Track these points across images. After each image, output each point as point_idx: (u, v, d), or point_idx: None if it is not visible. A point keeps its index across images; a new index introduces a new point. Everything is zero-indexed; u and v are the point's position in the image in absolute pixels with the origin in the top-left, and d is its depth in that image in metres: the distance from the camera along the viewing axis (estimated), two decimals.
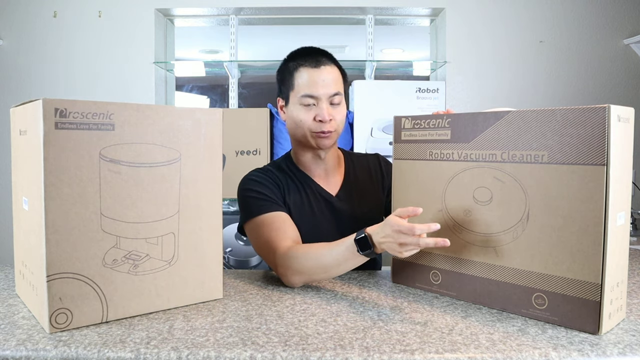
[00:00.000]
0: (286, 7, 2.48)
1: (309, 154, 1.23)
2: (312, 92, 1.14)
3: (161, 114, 0.87)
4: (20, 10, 2.46)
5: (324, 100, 1.14)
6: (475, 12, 2.43)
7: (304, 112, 1.15)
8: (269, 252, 1.07)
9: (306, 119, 1.15)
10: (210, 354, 0.71)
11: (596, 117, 0.76)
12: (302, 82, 1.15)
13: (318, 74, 1.14)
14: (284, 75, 1.21)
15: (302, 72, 1.15)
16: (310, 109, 1.15)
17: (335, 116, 1.16)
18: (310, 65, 1.15)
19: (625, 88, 2.43)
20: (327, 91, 1.14)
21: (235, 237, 2.28)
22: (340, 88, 1.18)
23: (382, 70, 2.74)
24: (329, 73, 1.16)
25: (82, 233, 0.80)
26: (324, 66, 1.16)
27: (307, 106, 1.15)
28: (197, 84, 3.82)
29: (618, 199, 0.79)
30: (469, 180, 0.93)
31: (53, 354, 0.72)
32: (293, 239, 1.08)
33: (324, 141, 1.17)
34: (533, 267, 0.85)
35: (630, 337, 0.77)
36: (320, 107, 1.14)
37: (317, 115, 1.14)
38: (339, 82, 1.18)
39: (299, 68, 1.16)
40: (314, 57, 1.17)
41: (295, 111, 1.17)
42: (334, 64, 1.19)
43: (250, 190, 1.16)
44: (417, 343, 0.74)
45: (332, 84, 1.15)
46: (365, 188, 1.28)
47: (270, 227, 1.09)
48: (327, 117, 1.14)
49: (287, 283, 1.03)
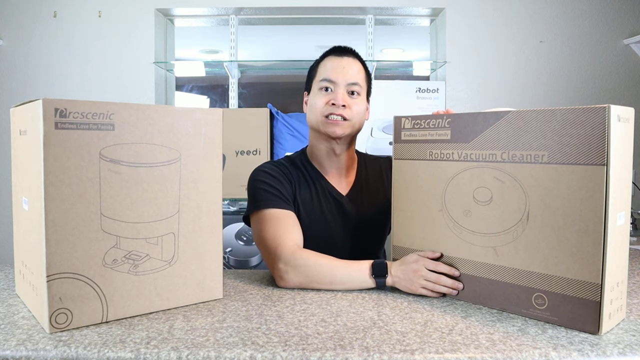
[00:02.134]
0: (286, 7, 2.48)
1: (324, 147, 1.22)
2: (331, 76, 1.16)
3: (161, 114, 0.87)
4: (20, 10, 2.46)
5: (341, 86, 1.16)
6: (476, 12, 2.43)
7: (320, 96, 1.17)
8: (271, 246, 1.06)
9: (320, 103, 1.16)
10: (210, 354, 0.71)
11: (596, 117, 0.76)
12: (325, 68, 1.19)
13: (340, 61, 1.18)
14: (311, 69, 1.25)
15: (326, 61, 1.20)
16: (327, 94, 1.16)
17: (352, 105, 1.16)
18: (335, 55, 1.20)
19: (625, 88, 2.43)
20: (346, 78, 1.16)
21: (235, 237, 2.28)
22: (362, 81, 1.20)
23: (382, 70, 2.74)
24: (351, 63, 1.18)
25: (82, 233, 0.80)
26: (347, 57, 1.19)
27: (325, 90, 1.17)
28: (197, 84, 3.82)
29: (618, 199, 0.79)
30: (469, 180, 0.93)
31: (53, 354, 0.72)
32: (297, 240, 1.08)
33: (335, 128, 1.15)
34: (533, 267, 0.85)
35: (630, 337, 0.77)
36: (336, 92, 1.15)
37: (332, 99, 1.15)
38: (361, 75, 1.20)
39: (325, 58, 1.21)
40: (342, 50, 1.21)
41: (313, 97, 1.19)
42: (359, 60, 1.22)
43: (262, 182, 1.15)
44: (417, 343, 0.74)
45: (352, 73, 1.17)
46: (375, 190, 1.28)
47: (277, 223, 1.08)
48: (340, 102, 1.14)
49: (280, 281, 1.02)
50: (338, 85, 1.16)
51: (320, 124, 1.17)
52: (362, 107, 1.19)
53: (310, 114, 1.20)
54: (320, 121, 1.16)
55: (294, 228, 1.10)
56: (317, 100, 1.17)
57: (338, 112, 1.14)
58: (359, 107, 1.18)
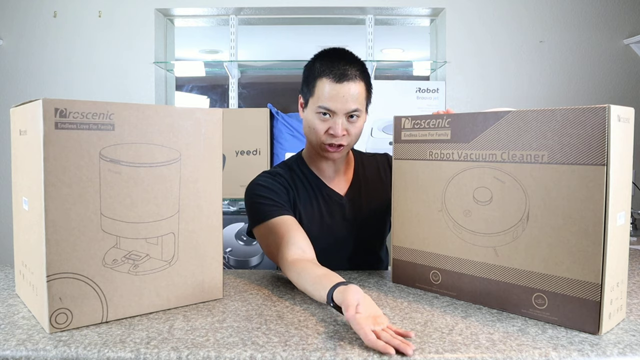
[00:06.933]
0: (286, 7, 2.48)
1: (321, 157, 1.22)
2: (330, 106, 1.11)
3: (161, 114, 0.87)
4: (20, 10, 2.46)
5: (340, 116, 1.12)
6: (475, 12, 2.43)
7: (318, 122, 1.13)
8: (276, 258, 1.07)
9: (320, 130, 1.13)
10: (210, 354, 0.71)
11: (596, 117, 0.76)
12: (322, 93, 1.11)
13: (339, 89, 1.10)
14: (308, 76, 1.17)
15: (325, 83, 1.11)
16: (325, 121, 1.13)
17: (351, 130, 1.14)
18: (334, 79, 1.10)
19: (625, 88, 2.43)
20: (346, 107, 1.11)
21: (235, 237, 2.29)
22: (361, 104, 1.14)
23: (382, 70, 2.74)
24: (351, 89, 1.11)
25: (82, 233, 0.80)
26: (347, 82, 1.10)
27: (323, 115, 1.13)
28: (197, 84, 3.82)
29: (618, 199, 0.79)
30: (469, 180, 0.93)
31: (53, 354, 0.72)
32: (298, 244, 1.04)
33: (333, 154, 1.16)
34: (533, 267, 0.85)
35: (630, 337, 0.77)
36: (335, 122, 1.12)
37: (331, 129, 1.12)
38: (361, 97, 1.14)
39: (323, 78, 1.12)
40: (341, 68, 1.11)
41: (311, 118, 1.15)
42: (359, 78, 1.13)
43: (258, 195, 1.15)
44: (417, 343, 0.74)
45: (352, 100, 1.11)
46: (373, 188, 1.28)
47: (276, 233, 1.07)
48: (340, 133, 1.12)
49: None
50: (337, 115, 1.12)
51: (318, 148, 1.17)
52: (361, 124, 1.17)
53: (308, 131, 1.17)
54: (318, 145, 1.16)
55: (293, 233, 1.06)
56: (316, 124, 1.14)
57: (337, 142, 1.14)
58: (358, 128, 1.16)
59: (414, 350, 0.71)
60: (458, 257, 0.95)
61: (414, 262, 1.03)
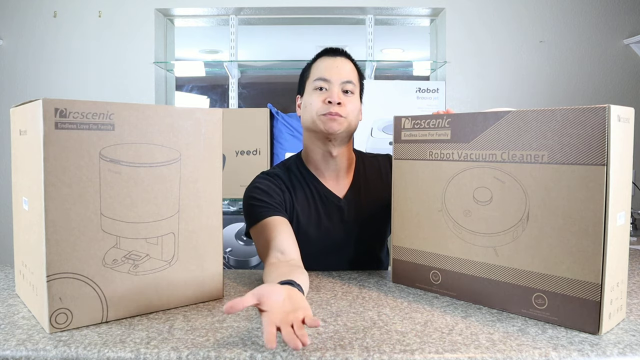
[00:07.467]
0: (286, 7, 2.48)
1: (319, 150, 1.21)
2: (325, 75, 1.17)
3: (161, 114, 0.87)
4: (20, 10, 2.46)
5: (335, 85, 1.17)
6: (475, 12, 2.43)
7: (315, 96, 1.17)
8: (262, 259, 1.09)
9: (316, 102, 1.17)
10: (210, 354, 0.71)
11: (596, 117, 0.76)
12: (318, 69, 1.20)
13: (333, 61, 1.20)
14: (304, 72, 1.26)
15: (319, 62, 1.21)
16: (321, 93, 1.17)
17: (347, 103, 1.17)
18: (328, 55, 1.22)
19: (625, 88, 2.43)
20: (340, 76, 1.17)
21: (235, 237, 2.29)
22: (355, 80, 1.21)
23: (382, 70, 2.74)
24: (344, 62, 1.20)
25: (82, 233, 0.80)
26: (340, 57, 1.21)
27: (319, 90, 1.17)
28: (197, 84, 3.82)
29: (618, 199, 0.79)
30: (469, 180, 0.93)
31: (53, 354, 0.72)
32: (278, 247, 1.04)
33: (332, 124, 1.15)
34: (533, 267, 0.85)
35: (630, 337, 0.77)
36: (332, 91, 1.16)
37: (328, 97, 1.15)
38: (354, 74, 1.22)
39: (317, 60, 1.23)
40: (334, 50, 1.23)
41: (307, 97, 1.20)
42: (352, 64, 1.24)
43: (252, 197, 1.16)
44: (417, 343, 0.74)
45: (346, 72, 1.19)
46: (374, 189, 1.27)
47: (264, 235, 1.09)
48: (336, 99, 1.15)
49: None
50: (333, 83, 1.16)
51: (316, 122, 1.16)
52: (356, 106, 1.20)
53: (305, 113, 1.20)
54: (316, 119, 1.16)
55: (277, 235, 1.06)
56: (313, 99, 1.17)
57: (334, 110, 1.15)
58: (354, 106, 1.19)
59: (308, 344, 0.66)
60: (458, 257, 0.95)
61: (414, 262, 1.03)
